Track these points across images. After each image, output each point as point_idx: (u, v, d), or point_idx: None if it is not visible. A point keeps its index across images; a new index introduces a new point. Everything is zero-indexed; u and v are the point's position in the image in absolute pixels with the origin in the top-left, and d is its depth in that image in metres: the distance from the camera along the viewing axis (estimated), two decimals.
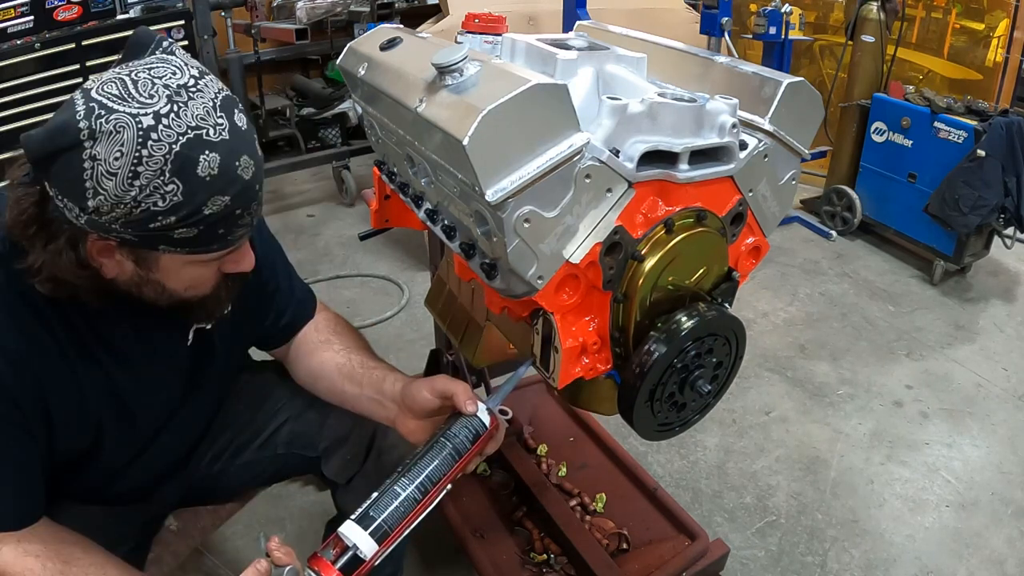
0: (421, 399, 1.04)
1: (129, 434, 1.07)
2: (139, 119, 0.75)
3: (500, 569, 1.52)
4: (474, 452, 0.98)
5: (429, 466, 0.93)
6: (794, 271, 3.37)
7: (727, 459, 2.21)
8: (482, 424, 0.99)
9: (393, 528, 0.89)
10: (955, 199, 2.99)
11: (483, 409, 1.00)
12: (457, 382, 1.02)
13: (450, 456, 0.95)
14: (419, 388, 1.05)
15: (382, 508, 0.89)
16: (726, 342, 0.95)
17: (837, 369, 2.66)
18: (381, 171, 1.21)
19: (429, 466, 0.93)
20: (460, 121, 0.75)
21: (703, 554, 1.56)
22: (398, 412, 1.10)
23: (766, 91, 0.94)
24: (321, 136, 4.23)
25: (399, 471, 0.94)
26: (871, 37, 3.48)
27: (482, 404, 1.00)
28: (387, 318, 2.88)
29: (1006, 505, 2.07)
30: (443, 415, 1.03)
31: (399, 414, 1.09)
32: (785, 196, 1.01)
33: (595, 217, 0.84)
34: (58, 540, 0.94)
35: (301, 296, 1.25)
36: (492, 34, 1.10)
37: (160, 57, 0.82)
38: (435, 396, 1.03)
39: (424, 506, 0.92)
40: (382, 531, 0.88)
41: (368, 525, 0.88)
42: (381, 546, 0.88)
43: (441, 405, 1.03)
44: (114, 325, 0.98)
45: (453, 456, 0.95)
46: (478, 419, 0.98)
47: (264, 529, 1.82)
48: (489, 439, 1.00)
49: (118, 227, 0.80)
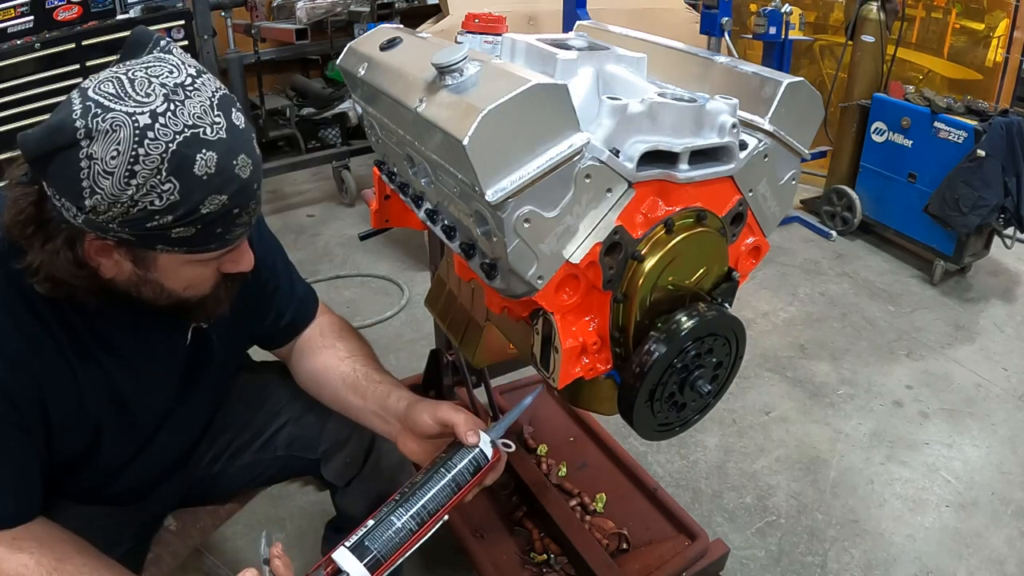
0: (423, 423, 1.03)
1: (128, 433, 1.07)
2: (135, 118, 0.75)
3: (500, 569, 1.52)
4: (474, 484, 0.97)
5: (426, 496, 0.93)
6: (794, 271, 3.37)
7: (727, 459, 2.21)
8: (484, 456, 0.97)
9: (387, 558, 0.89)
10: (955, 199, 2.99)
11: (486, 440, 0.98)
12: (460, 411, 1.00)
13: (449, 487, 0.95)
14: (421, 412, 1.04)
15: (377, 538, 0.89)
16: (726, 342, 0.95)
17: (837, 369, 2.66)
18: (381, 171, 1.21)
19: (426, 496, 0.93)
20: (460, 121, 0.75)
21: (703, 554, 1.56)
22: (400, 430, 1.09)
23: (766, 91, 0.93)
24: (321, 136, 4.23)
25: (396, 499, 0.93)
26: (871, 37, 3.48)
27: (484, 435, 0.99)
28: (387, 318, 2.88)
29: (1006, 505, 2.07)
30: (445, 439, 1.02)
31: (401, 432, 1.08)
32: (785, 196, 1.01)
33: (595, 217, 0.84)
34: (53, 538, 0.94)
35: (303, 296, 1.25)
36: (492, 34, 1.10)
37: (157, 56, 0.82)
38: (436, 423, 1.02)
39: (419, 536, 0.92)
40: (375, 560, 0.88)
41: (363, 555, 0.88)
42: (374, 575, 0.88)
43: (442, 432, 1.02)
44: (113, 324, 0.97)
45: (452, 487, 0.95)
46: (480, 450, 0.97)
47: (264, 529, 1.82)
48: (490, 471, 0.99)
49: (115, 226, 0.80)
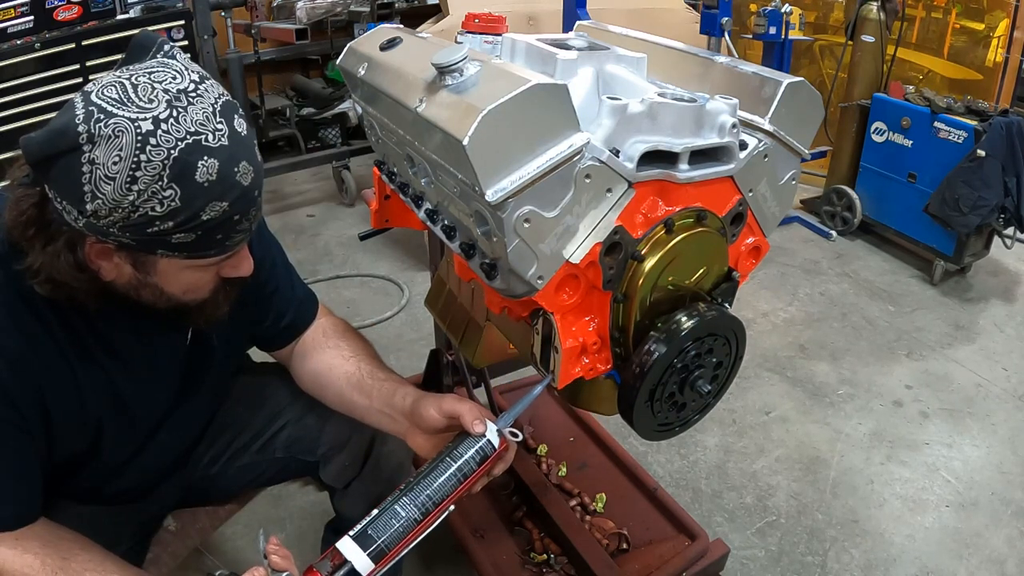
0: (429, 417, 1.02)
1: (128, 433, 1.07)
2: (138, 124, 0.75)
3: (500, 569, 1.52)
4: (480, 473, 0.96)
5: (431, 486, 0.92)
6: (794, 271, 3.37)
7: (727, 459, 2.21)
8: (491, 445, 0.97)
9: (391, 547, 0.89)
10: (955, 199, 2.99)
11: (492, 429, 0.98)
12: (465, 402, 1.00)
13: (454, 477, 0.94)
14: (427, 406, 1.03)
15: (381, 527, 0.89)
16: (726, 342, 0.95)
17: (837, 369, 2.66)
18: (381, 171, 1.21)
19: (431, 486, 0.92)
20: (460, 121, 0.75)
21: (703, 554, 1.56)
22: (408, 427, 1.08)
23: (766, 91, 0.93)
24: (321, 136, 4.23)
25: (402, 489, 0.93)
26: (871, 37, 3.48)
27: (492, 424, 0.98)
28: (387, 318, 2.88)
29: (1006, 505, 2.07)
30: (453, 432, 1.01)
31: (409, 428, 1.08)
32: (785, 196, 1.01)
33: (595, 217, 0.84)
34: (56, 537, 0.94)
35: (303, 298, 1.25)
36: (492, 34, 1.10)
37: (161, 61, 0.82)
38: (442, 416, 1.01)
39: (424, 526, 0.92)
40: (379, 550, 0.88)
41: (366, 544, 0.87)
42: (378, 565, 0.88)
43: (449, 424, 1.02)
44: (113, 325, 0.98)
45: (458, 477, 0.94)
46: (487, 440, 0.97)
47: (264, 529, 1.82)
48: (497, 460, 0.99)
49: (116, 231, 0.80)
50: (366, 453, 1.28)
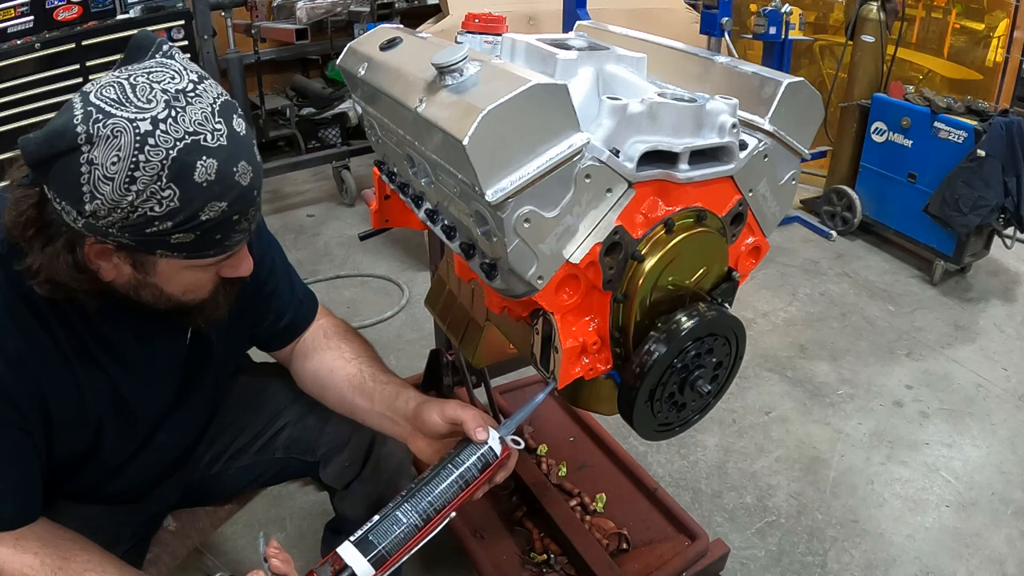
0: (431, 422, 1.02)
1: (128, 433, 1.07)
2: (136, 124, 0.75)
3: (500, 569, 1.52)
4: (482, 481, 0.96)
5: (433, 492, 0.92)
6: (794, 271, 3.37)
7: (727, 459, 2.21)
8: (492, 452, 0.97)
9: (392, 554, 0.89)
10: (955, 199, 2.99)
11: (495, 437, 0.97)
12: (468, 408, 1.00)
13: (456, 484, 0.94)
14: (430, 411, 1.03)
15: (382, 533, 0.89)
16: (726, 342, 0.95)
17: (837, 369, 2.66)
18: (381, 171, 1.21)
19: (433, 492, 0.92)
20: (460, 121, 0.75)
21: (703, 554, 1.56)
22: (410, 431, 1.08)
23: (766, 91, 0.93)
24: (321, 136, 4.22)
25: (403, 495, 0.93)
26: (871, 37, 3.48)
27: (494, 431, 0.98)
28: (387, 318, 2.88)
29: (1006, 505, 2.07)
30: (456, 437, 1.01)
31: (411, 432, 1.08)
32: (785, 196, 1.01)
33: (595, 217, 0.84)
34: (56, 537, 0.94)
35: (302, 298, 1.25)
36: (492, 34, 1.10)
37: (159, 61, 0.82)
38: (445, 421, 1.01)
39: (425, 533, 0.92)
40: (380, 556, 0.88)
41: (367, 550, 0.87)
42: (379, 570, 0.88)
43: (451, 430, 1.01)
44: (113, 325, 0.98)
45: (459, 484, 0.94)
46: (489, 447, 0.96)
47: (264, 529, 1.82)
48: (499, 468, 0.99)
49: (115, 231, 0.80)
50: (366, 454, 1.28)
